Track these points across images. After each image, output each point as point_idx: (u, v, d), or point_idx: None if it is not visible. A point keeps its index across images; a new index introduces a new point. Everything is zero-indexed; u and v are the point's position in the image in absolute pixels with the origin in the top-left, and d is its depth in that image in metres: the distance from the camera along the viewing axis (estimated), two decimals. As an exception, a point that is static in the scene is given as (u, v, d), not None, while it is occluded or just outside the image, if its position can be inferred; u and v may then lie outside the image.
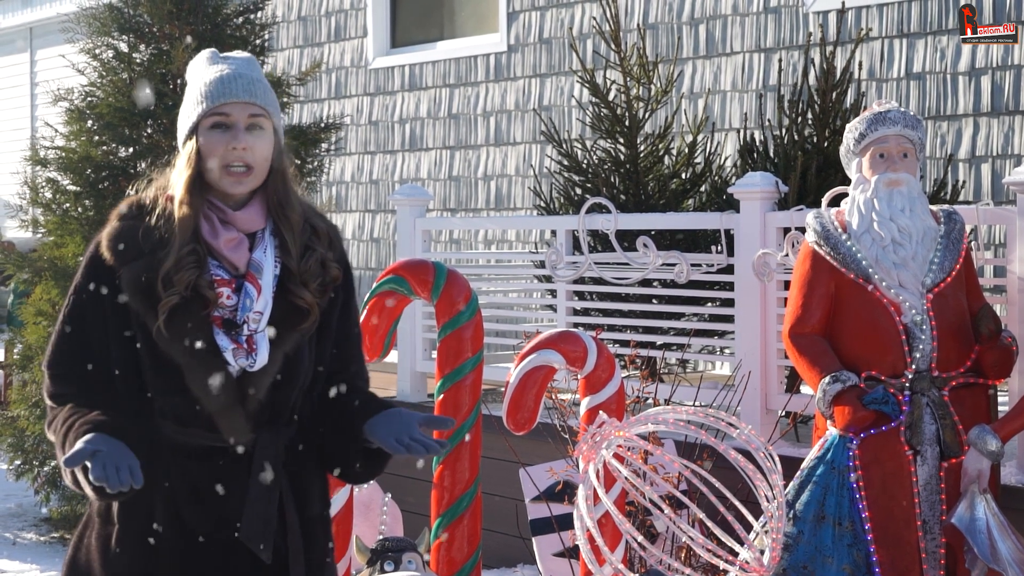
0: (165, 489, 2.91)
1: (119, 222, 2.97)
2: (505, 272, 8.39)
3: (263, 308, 2.92)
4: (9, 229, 13.11)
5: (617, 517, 3.93)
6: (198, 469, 2.92)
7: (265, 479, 2.93)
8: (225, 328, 2.90)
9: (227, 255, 2.93)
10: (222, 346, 2.88)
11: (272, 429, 2.96)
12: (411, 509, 6.14)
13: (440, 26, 11.29)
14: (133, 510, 2.93)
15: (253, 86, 2.96)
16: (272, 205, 2.98)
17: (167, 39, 8.25)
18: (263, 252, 2.96)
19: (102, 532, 2.97)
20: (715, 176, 7.35)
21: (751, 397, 5.94)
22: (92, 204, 8.14)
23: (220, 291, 2.91)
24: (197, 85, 2.98)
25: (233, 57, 3.04)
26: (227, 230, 2.94)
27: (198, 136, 2.94)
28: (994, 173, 7.67)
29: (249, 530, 2.91)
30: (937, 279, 4.48)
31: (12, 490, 9.32)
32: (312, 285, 2.97)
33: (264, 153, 2.95)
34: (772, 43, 8.74)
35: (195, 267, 2.88)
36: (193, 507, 2.91)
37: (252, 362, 2.90)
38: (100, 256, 2.93)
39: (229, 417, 2.91)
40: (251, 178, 2.94)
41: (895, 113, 4.56)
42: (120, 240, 2.93)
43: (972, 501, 4.29)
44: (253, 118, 2.94)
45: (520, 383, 4.63)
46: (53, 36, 16.16)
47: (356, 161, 11.78)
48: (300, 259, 2.98)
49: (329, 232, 3.06)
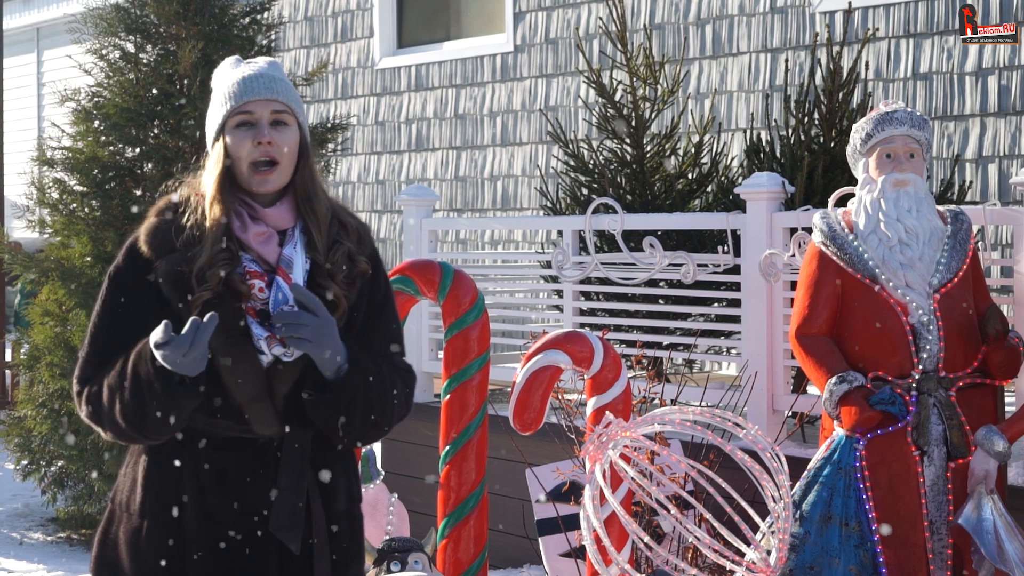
0: (194, 481, 2.97)
1: (156, 218, 3.06)
2: (511, 272, 8.38)
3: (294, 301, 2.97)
4: (16, 229, 13.13)
5: (623, 517, 3.93)
6: (227, 461, 2.98)
7: (294, 472, 2.97)
8: (260, 318, 2.97)
9: (257, 249, 3.01)
10: (256, 334, 2.95)
11: (301, 423, 3.01)
12: (417, 509, 6.14)
13: (447, 26, 11.29)
14: (161, 503, 2.98)
15: (275, 84, 3.06)
16: (300, 199, 3.06)
17: (174, 39, 8.25)
18: (293, 248, 3.03)
19: (128, 526, 3.01)
20: (721, 176, 7.35)
21: (758, 397, 5.93)
22: (99, 204, 8.15)
23: (252, 283, 2.98)
24: (222, 88, 3.09)
25: (255, 61, 3.15)
26: (256, 225, 3.03)
27: (225, 136, 3.04)
28: (1001, 173, 7.66)
29: (278, 522, 2.96)
30: (944, 279, 4.47)
31: (19, 490, 9.34)
32: (339, 277, 3.04)
33: (289, 147, 3.04)
34: (779, 43, 8.73)
35: (227, 263, 2.96)
36: (221, 499, 2.97)
37: (289, 351, 2.95)
38: (137, 249, 3.01)
39: (258, 408, 2.97)
40: (277, 174, 3.03)
41: (902, 113, 4.56)
42: (157, 234, 3.02)
43: (979, 502, 4.29)
44: (276, 114, 3.04)
45: (526, 383, 4.63)
46: (60, 37, 16.19)
47: (362, 161, 11.78)
48: (327, 252, 3.04)
49: (359, 229, 3.13)
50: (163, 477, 3.00)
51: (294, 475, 2.98)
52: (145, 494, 3.00)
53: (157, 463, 3.01)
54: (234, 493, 2.97)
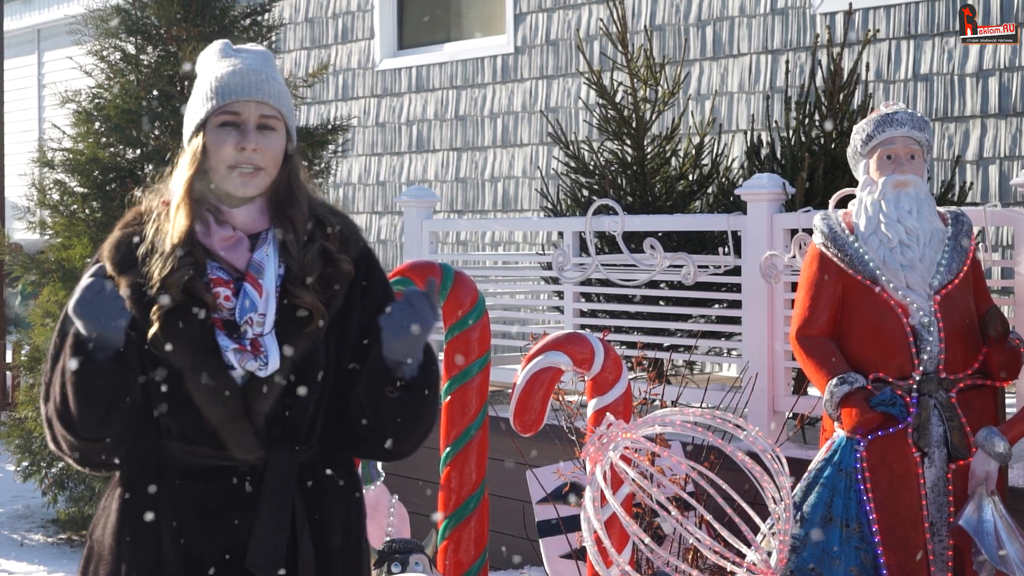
0: (171, 516, 2.74)
1: (120, 231, 2.85)
2: (512, 274, 8.38)
3: (266, 310, 2.74)
4: (17, 231, 13.12)
5: (624, 519, 3.93)
6: (206, 492, 2.74)
7: (276, 501, 2.72)
8: (227, 330, 2.72)
9: (223, 254, 2.77)
10: (223, 346, 2.70)
11: (286, 446, 2.76)
12: (418, 511, 6.14)
13: (447, 28, 11.29)
14: (138, 543, 2.76)
15: (266, 84, 2.79)
16: (273, 205, 2.81)
17: (174, 41, 8.25)
18: (265, 253, 2.78)
19: (107, 570, 2.79)
20: (722, 178, 7.34)
21: (758, 399, 5.93)
22: (99, 206, 8.15)
23: (217, 291, 2.73)
24: (207, 79, 2.80)
25: (247, 50, 2.86)
26: (223, 228, 2.78)
27: (205, 133, 2.77)
28: (1001, 175, 7.66)
29: (256, 558, 2.71)
30: (944, 281, 4.47)
31: (19, 491, 9.33)
32: (311, 280, 2.77)
33: (274, 155, 2.78)
34: (779, 44, 8.73)
35: (188, 269, 2.72)
36: (201, 533, 2.73)
37: (262, 364, 2.70)
38: (101, 266, 2.75)
39: (235, 430, 2.71)
40: (259, 180, 2.77)
41: (902, 114, 4.56)
42: (118, 249, 2.81)
43: (980, 503, 4.28)
44: (264, 119, 2.77)
45: (527, 385, 4.62)
46: (60, 38, 16.19)
47: (363, 163, 11.78)
48: (301, 257, 2.78)
49: (344, 229, 2.87)
50: (139, 514, 2.75)
51: (275, 505, 2.72)
52: (121, 534, 2.77)
53: (132, 500, 2.77)
54: (214, 525, 2.72)
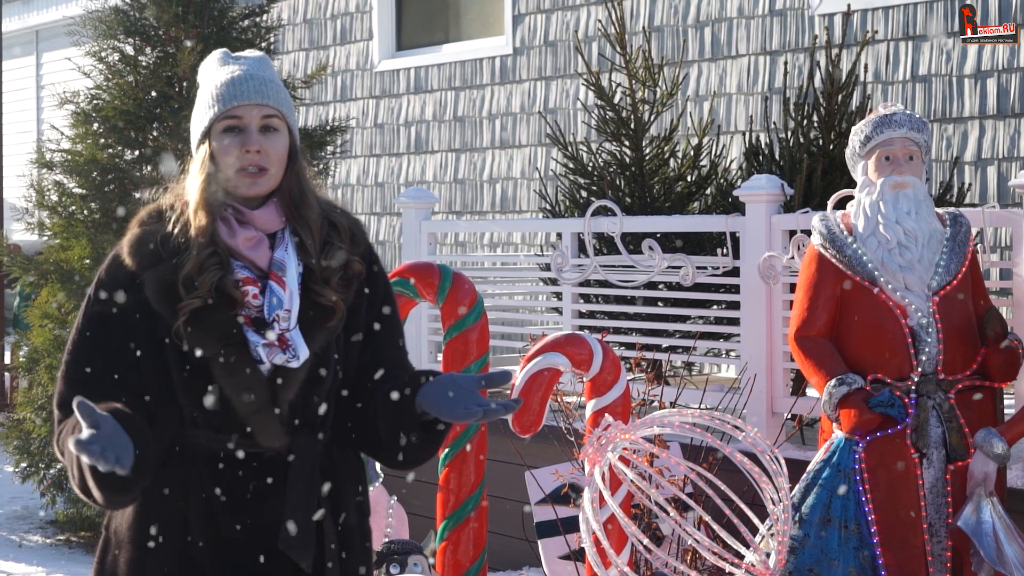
0: (201, 501, 2.84)
1: (139, 228, 2.92)
2: (511, 275, 8.38)
3: (291, 305, 2.86)
4: (15, 232, 13.11)
5: (623, 520, 3.93)
6: (234, 478, 2.85)
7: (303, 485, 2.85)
8: (255, 326, 2.84)
9: (247, 254, 2.87)
10: (252, 341, 2.81)
11: (309, 433, 2.90)
12: (417, 512, 6.14)
13: (446, 29, 11.29)
14: (165, 530, 2.84)
15: (265, 87, 2.91)
16: (288, 206, 2.92)
17: (173, 42, 8.26)
18: (284, 251, 2.90)
19: (127, 556, 2.87)
20: (721, 179, 7.35)
21: (757, 400, 5.93)
22: (98, 207, 8.15)
23: (246, 290, 2.85)
24: (208, 88, 2.93)
25: (245, 57, 2.98)
26: (245, 229, 2.88)
27: (211, 140, 2.89)
28: (1000, 176, 7.66)
29: (288, 540, 2.83)
30: (943, 282, 4.48)
31: (18, 492, 9.33)
32: (334, 281, 2.91)
33: (278, 154, 2.90)
34: (778, 46, 8.73)
35: (218, 269, 2.83)
36: (230, 518, 2.84)
37: (291, 357, 2.83)
38: (121, 262, 2.87)
39: (262, 420, 2.83)
40: (265, 179, 2.89)
41: (901, 116, 4.56)
42: (141, 245, 2.88)
43: (978, 504, 4.29)
44: (266, 119, 2.89)
45: (526, 386, 4.63)
46: (59, 39, 16.18)
47: (361, 164, 11.78)
48: (319, 256, 2.91)
49: (351, 227, 2.99)
50: (165, 502, 2.84)
51: (303, 489, 2.85)
52: (146, 522, 2.85)
53: (157, 487, 2.83)
54: (243, 510, 2.84)
